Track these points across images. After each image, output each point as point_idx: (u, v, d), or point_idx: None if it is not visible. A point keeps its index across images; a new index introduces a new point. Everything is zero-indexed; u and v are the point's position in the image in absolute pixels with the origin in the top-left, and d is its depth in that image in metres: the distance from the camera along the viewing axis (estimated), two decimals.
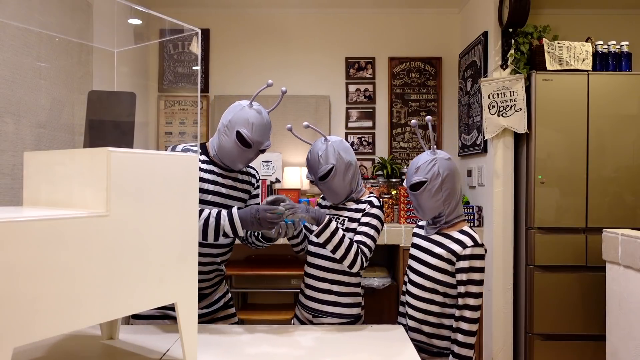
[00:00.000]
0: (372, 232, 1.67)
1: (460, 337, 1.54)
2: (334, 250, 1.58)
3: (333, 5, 3.58)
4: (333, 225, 1.58)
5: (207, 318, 1.77)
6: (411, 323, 1.66)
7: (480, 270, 1.55)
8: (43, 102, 2.20)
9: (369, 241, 1.65)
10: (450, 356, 1.56)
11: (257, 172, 1.84)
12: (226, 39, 3.64)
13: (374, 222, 1.68)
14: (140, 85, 3.51)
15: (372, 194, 1.76)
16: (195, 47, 3.36)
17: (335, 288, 1.69)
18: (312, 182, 1.78)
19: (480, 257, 1.55)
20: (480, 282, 1.55)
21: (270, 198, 1.59)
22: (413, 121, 1.67)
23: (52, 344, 1.43)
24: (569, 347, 2.71)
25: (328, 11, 3.63)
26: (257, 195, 1.80)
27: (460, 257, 1.55)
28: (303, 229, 1.83)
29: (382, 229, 1.71)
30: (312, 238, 1.77)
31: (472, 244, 1.55)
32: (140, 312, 1.73)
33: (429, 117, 1.65)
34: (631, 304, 2.12)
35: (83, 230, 0.95)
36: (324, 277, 1.70)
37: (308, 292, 1.75)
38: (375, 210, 1.69)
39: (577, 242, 2.71)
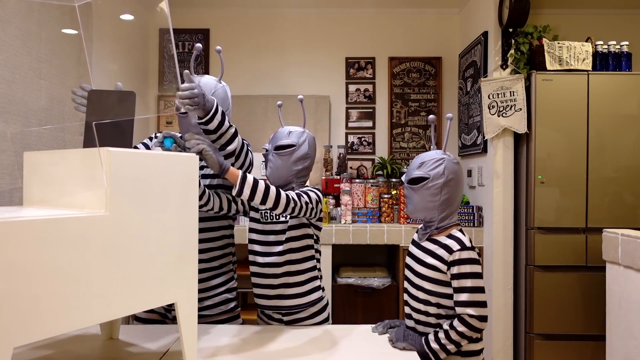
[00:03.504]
0: (309, 194, 1.60)
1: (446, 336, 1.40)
2: (262, 202, 1.46)
3: (333, 5, 3.58)
4: (250, 179, 1.44)
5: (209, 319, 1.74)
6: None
7: (473, 275, 1.39)
8: (43, 102, 2.20)
9: (305, 196, 1.57)
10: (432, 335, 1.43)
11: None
12: (226, 39, 3.64)
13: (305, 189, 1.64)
14: (140, 85, 3.51)
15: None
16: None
17: (292, 280, 1.64)
18: (264, 154, 1.72)
19: (470, 261, 1.40)
20: (475, 290, 1.39)
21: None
22: (431, 116, 1.59)
23: (52, 344, 1.43)
24: (569, 347, 2.71)
25: (328, 11, 3.63)
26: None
27: (449, 264, 1.42)
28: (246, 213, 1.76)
29: (320, 201, 1.63)
30: (252, 247, 1.71)
31: (459, 247, 1.42)
32: (141, 315, 1.73)
33: (449, 115, 1.56)
34: (631, 304, 2.12)
35: (83, 230, 0.95)
36: (274, 272, 1.64)
37: (261, 291, 1.68)
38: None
39: (577, 242, 2.71)
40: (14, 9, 2.00)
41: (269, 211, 1.68)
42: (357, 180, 3.23)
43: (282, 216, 1.67)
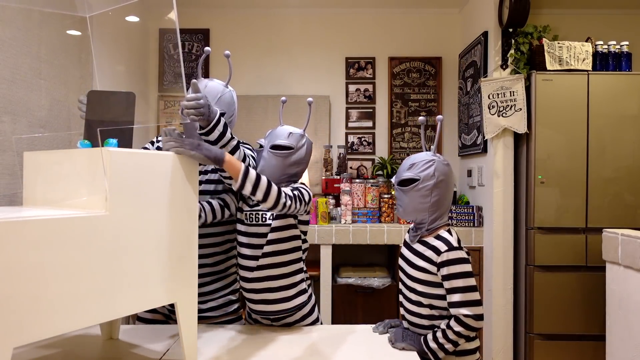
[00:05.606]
0: (302, 192, 1.56)
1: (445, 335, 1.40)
2: (263, 200, 1.40)
3: (333, 5, 3.58)
4: (253, 174, 1.36)
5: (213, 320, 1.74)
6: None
7: (463, 275, 1.39)
8: (43, 102, 2.20)
9: (298, 193, 1.54)
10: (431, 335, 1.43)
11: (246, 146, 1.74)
12: (226, 39, 3.64)
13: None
14: (140, 85, 3.51)
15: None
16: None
17: (274, 284, 1.58)
18: (258, 149, 1.69)
19: (459, 261, 1.40)
20: (467, 289, 1.38)
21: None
22: (421, 118, 1.57)
23: (52, 344, 1.43)
24: (569, 347, 2.70)
25: (328, 11, 3.63)
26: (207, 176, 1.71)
27: (438, 266, 1.42)
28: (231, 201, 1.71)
29: (311, 200, 1.59)
30: (239, 249, 1.65)
31: (447, 248, 1.42)
32: (144, 316, 1.73)
33: (439, 117, 1.55)
34: (631, 304, 2.12)
35: (83, 230, 0.95)
36: (257, 276, 1.58)
37: (247, 295, 1.64)
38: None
39: (577, 242, 2.71)
40: (15, 9, 2.00)
41: (253, 213, 1.61)
42: (357, 180, 3.23)
43: (268, 218, 1.59)
